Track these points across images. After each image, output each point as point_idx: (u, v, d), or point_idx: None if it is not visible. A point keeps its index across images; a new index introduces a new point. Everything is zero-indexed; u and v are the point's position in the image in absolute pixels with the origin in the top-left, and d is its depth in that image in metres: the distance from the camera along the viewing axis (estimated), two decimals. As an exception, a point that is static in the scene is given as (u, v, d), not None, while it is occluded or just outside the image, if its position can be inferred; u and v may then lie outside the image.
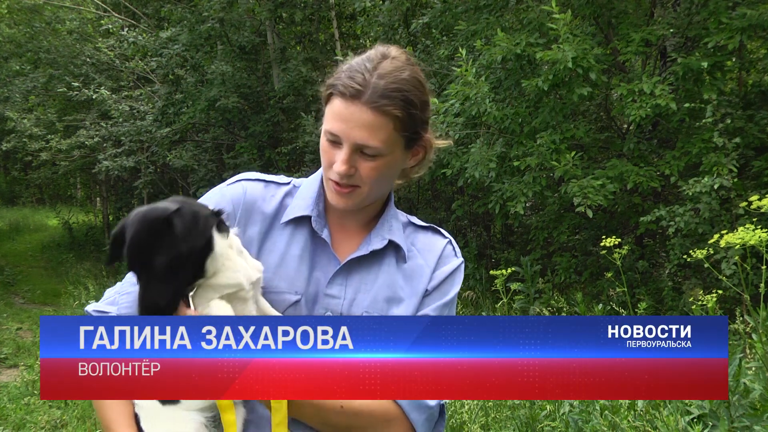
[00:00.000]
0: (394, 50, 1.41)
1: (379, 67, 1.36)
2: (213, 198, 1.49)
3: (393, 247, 1.48)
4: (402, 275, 1.47)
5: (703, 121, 5.76)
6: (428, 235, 1.55)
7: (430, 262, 1.50)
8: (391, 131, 1.36)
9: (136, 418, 1.32)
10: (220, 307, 1.24)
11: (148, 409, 1.31)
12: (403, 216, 1.56)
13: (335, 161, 1.37)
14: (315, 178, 1.52)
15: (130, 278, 1.42)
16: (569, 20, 6.00)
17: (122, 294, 1.43)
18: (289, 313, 1.41)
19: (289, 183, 1.54)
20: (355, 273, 1.44)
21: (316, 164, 4.93)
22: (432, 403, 1.40)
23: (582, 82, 6.10)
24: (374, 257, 1.46)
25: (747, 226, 2.55)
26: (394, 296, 1.44)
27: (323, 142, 1.40)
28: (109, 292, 1.47)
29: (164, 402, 1.27)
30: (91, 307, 1.45)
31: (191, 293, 1.24)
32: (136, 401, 1.32)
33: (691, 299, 3.73)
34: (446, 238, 1.56)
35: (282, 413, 1.22)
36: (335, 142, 1.37)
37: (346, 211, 1.47)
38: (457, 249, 1.57)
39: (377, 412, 1.35)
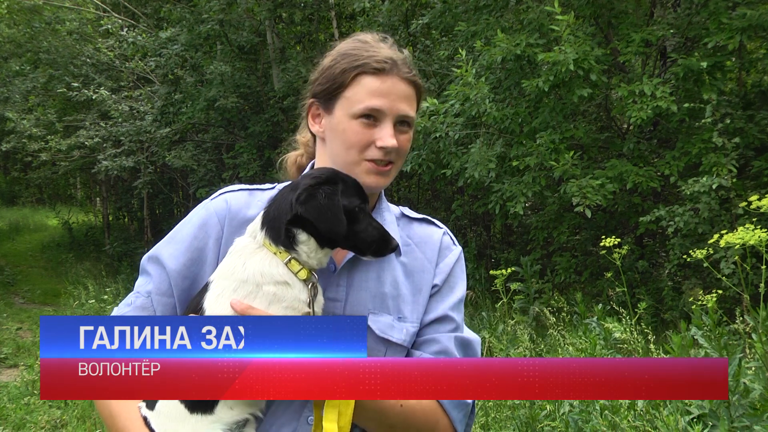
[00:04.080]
0: (373, 34, 1.45)
1: (389, 45, 1.42)
2: (198, 213, 1.46)
3: None
4: (402, 270, 1.46)
5: (703, 121, 5.75)
6: (423, 227, 1.55)
7: (431, 256, 1.50)
8: (416, 100, 1.42)
9: (146, 422, 1.29)
10: None
11: (167, 414, 1.27)
12: (395, 208, 1.55)
13: (376, 139, 1.35)
14: None
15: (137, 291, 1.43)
16: (571, 22, 5.99)
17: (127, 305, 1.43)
18: None
19: (273, 187, 1.50)
20: (356, 273, 1.43)
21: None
22: (469, 400, 1.41)
23: (582, 82, 6.09)
24: None
25: (747, 226, 2.54)
26: (397, 293, 1.44)
27: (353, 126, 1.36)
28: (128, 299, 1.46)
29: (193, 410, 1.24)
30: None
31: None
32: (153, 409, 1.29)
33: (690, 299, 3.73)
34: (441, 228, 1.56)
35: (347, 418, 1.21)
36: (373, 119, 1.35)
37: None
38: (454, 238, 1.57)
39: (428, 410, 1.36)
